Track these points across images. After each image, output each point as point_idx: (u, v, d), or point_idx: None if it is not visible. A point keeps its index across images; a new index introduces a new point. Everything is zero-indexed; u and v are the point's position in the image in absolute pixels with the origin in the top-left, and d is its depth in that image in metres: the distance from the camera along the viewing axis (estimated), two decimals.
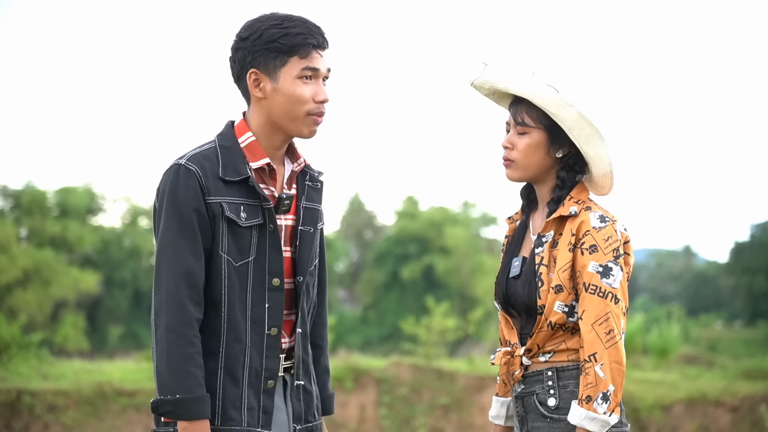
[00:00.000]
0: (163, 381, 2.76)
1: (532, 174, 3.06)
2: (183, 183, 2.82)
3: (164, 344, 2.75)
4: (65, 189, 38.46)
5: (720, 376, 13.51)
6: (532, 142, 3.02)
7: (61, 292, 33.62)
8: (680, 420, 11.56)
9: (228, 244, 2.84)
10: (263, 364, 2.87)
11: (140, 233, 40.15)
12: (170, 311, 2.77)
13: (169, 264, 2.79)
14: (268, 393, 2.88)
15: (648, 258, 72.91)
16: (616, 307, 2.91)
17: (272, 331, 2.88)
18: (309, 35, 2.87)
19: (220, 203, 2.83)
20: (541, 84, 2.98)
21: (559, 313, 2.95)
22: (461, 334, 15.38)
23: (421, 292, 38.20)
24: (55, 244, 36.36)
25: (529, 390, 3.03)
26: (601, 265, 2.92)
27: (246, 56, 2.88)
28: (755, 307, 44.51)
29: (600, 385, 2.86)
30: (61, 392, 10.68)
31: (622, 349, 2.90)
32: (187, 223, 2.81)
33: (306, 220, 2.98)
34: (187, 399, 2.74)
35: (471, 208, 45.39)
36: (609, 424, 2.87)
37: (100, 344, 35.83)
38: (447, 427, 11.89)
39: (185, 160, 2.85)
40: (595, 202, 3.05)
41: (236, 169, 2.87)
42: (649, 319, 19.77)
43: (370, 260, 43.65)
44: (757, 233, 47.03)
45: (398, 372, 12.24)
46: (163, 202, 2.84)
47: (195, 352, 2.77)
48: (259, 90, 2.89)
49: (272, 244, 2.89)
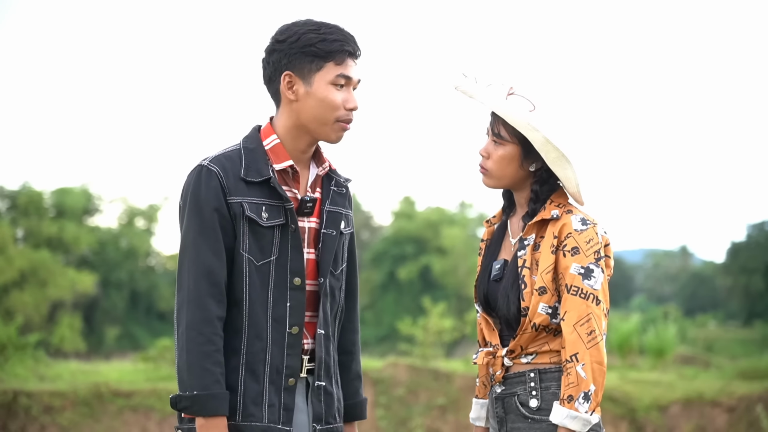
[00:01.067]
0: (182, 377, 2.82)
1: (507, 183, 3.11)
2: (204, 183, 2.88)
3: (184, 341, 2.81)
4: (62, 190, 38.43)
5: (716, 376, 13.53)
6: (506, 154, 3.07)
7: (58, 293, 33.58)
8: (677, 420, 11.57)
9: (249, 244, 2.89)
10: (284, 361, 2.91)
11: (137, 234, 40.12)
12: (191, 309, 2.82)
13: (190, 263, 2.85)
14: (288, 390, 2.92)
15: (645, 258, 72.98)
16: (597, 308, 2.95)
17: (293, 329, 2.93)
18: (345, 42, 2.93)
19: (241, 203, 2.88)
20: (515, 97, 3.03)
21: (543, 314, 2.99)
22: (458, 334, 15.40)
23: (418, 292, 38.20)
24: (52, 245, 36.33)
25: (509, 391, 3.06)
26: (582, 267, 2.96)
27: (282, 58, 2.93)
28: (752, 308, 44.52)
29: (581, 385, 2.90)
30: (58, 393, 10.68)
31: (603, 350, 2.94)
32: (208, 222, 2.86)
33: (329, 223, 3.02)
34: (203, 396, 2.79)
35: (468, 208, 45.42)
36: (590, 423, 2.90)
37: (96, 345, 35.79)
38: (444, 428, 11.89)
39: (208, 162, 2.92)
40: (575, 205, 3.10)
41: (258, 170, 2.92)
42: (645, 320, 19.79)
43: (366, 261, 43.63)
44: (753, 233, 47.05)
45: (395, 372, 12.24)
46: (186, 202, 2.91)
47: (214, 350, 2.82)
48: (291, 92, 2.94)
49: (293, 244, 2.93)
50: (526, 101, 3.03)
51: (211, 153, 2.97)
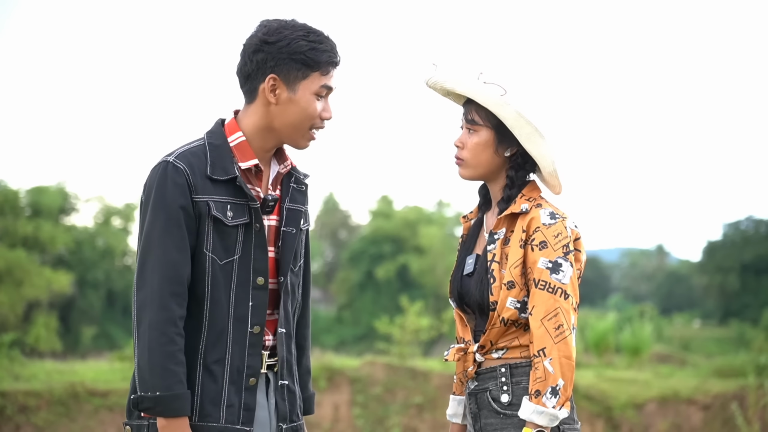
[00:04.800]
0: (143, 377, 2.78)
1: (483, 172, 3.10)
2: (171, 180, 2.84)
3: (146, 341, 2.77)
4: (37, 188, 38.17)
5: (692, 374, 13.59)
6: (480, 140, 3.07)
7: (34, 293, 33.35)
8: (653, 418, 11.62)
9: (213, 243, 2.87)
10: (245, 361, 2.90)
11: (113, 233, 39.94)
12: (153, 308, 2.78)
13: (154, 261, 2.81)
14: (250, 390, 2.91)
15: (621, 257, 73.27)
16: (565, 302, 2.92)
17: (255, 329, 2.91)
18: (332, 54, 2.94)
19: (207, 202, 2.86)
20: (486, 84, 3.03)
21: (511, 309, 2.98)
22: (435, 333, 15.40)
23: (396, 291, 38.21)
24: (28, 245, 36.08)
25: (482, 387, 3.06)
26: (550, 261, 2.94)
27: (268, 60, 2.90)
28: (727, 306, 44.80)
29: (549, 380, 2.88)
30: (33, 393, 10.60)
31: (571, 344, 2.91)
32: (174, 220, 2.83)
33: (289, 221, 3.01)
34: (166, 396, 2.76)
35: (445, 207, 45.46)
36: (558, 418, 2.89)
37: (73, 345, 35.59)
38: (421, 426, 11.90)
39: (173, 158, 2.88)
40: (546, 199, 3.09)
41: (224, 168, 2.89)
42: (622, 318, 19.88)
43: (344, 260, 43.62)
44: (729, 233, 47.34)
45: (372, 371, 12.24)
46: (149, 198, 2.87)
47: (177, 350, 2.79)
48: (273, 96, 2.92)
49: (257, 243, 2.91)
50: (497, 87, 3.03)
51: (175, 148, 2.93)
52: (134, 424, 2.87)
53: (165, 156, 2.90)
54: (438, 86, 3.14)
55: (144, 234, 2.85)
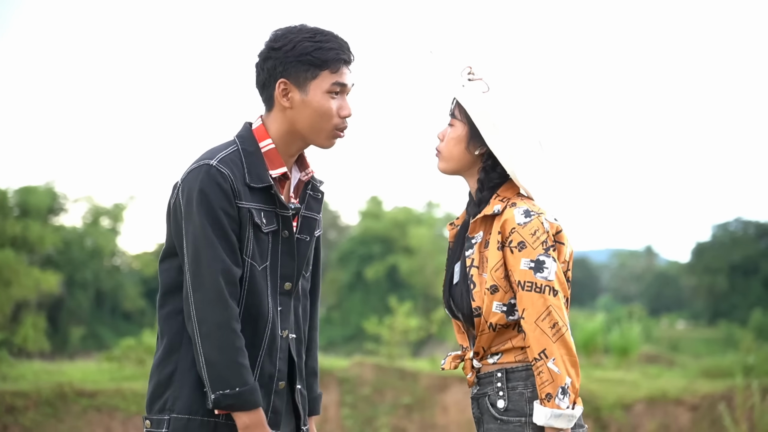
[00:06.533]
0: (220, 376, 2.81)
1: (456, 167, 3.07)
2: (215, 184, 2.86)
3: (215, 339, 2.81)
4: (26, 188, 38.05)
5: (680, 375, 13.63)
6: (455, 135, 3.05)
7: (22, 293, 33.22)
8: (641, 419, 11.64)
9: (253, 249, 2.91)
10: (276, 365, 2.95)
11: (102, 233, 39.82)
12: (217, 307, 2.82)
13: (209, 262, 2.84)
14: (279, 394, 2.97)
15: (610, 258, 73.39)
16: (555, 299, 2.87)
17: (284, 333, 2.97)
18: (341, 51, 2.95)
19: (249, 209, 2.90)
20: (469, 80, 3.01)
21: (498, 313, 2.93)
22: (424, 333, 15.41)
23: (385, 292, 38.18)
24: (16, 245, 35.95)
25: (482, 392, 3.03)
26: (532, 260, 2.88)
27: (276, 66, 2.93)
28: (716, 307, 44.94)
29: (557, 381, 2.83)
30: (21, 393, 10.57)
31: (570, 340, 2.86)
32: (222, 223, 2.86)
33: (303, 229, 3.05)
34: (246, 390, 2.82)
35: (435, 208, 45.44)
36: (575, 417, 2.85)
37: (61, 345, 35.49)
38: (409, 427, 11.90)
39: (216, 162, 2.89)
40: (523, 197, 3.02)
41: (259, 176, 2.93)
42: (610, 319, 19.92)
43: (333, 260, 43.57)
44: (718, 234, 47.48)
45: (361, 372, 12.24)
46: (192, 200, 2.87)
47: (243, 344, 2.85)
48: (286, 100, 2.95)
49: (285, 249, 2.97)
50: (483, 83, 3.01)
51: (210, 150, 2.95)
52: (154, 418, 2.91)
53: (204, 159, 2.91)
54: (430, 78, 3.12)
55: (192, 236, 2.86)
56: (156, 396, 2.93)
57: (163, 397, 2.92)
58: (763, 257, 43.94)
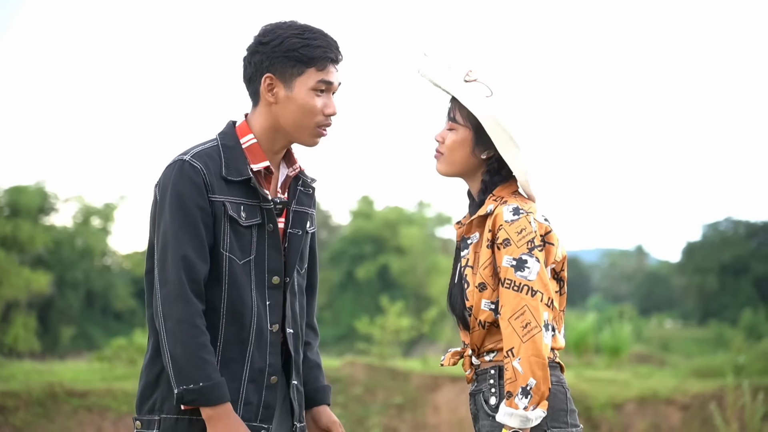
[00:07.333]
0: (182, 371, 2.81)
1: (458, 170, 3.07)
2: (187, 179, 2.87)
3: (178, 335, 2.81)
4: (16, 188, 37.95)
5: (671, 374, 13.67)
6: (458, 139, 3.04)
7: (12, 293, 33.15)
8: (632, 418, 11.66)
9: (231, 243, 2.91)
10: (267, 360, 2.95)
11: (93, 233, 39.74)
12: (179, 303, 2.82)
13: (174, 257, 2.84)
14: (270, 389, 2.96)
15: (601, 258, 73.55)
16: (533, 299, 2.85)
17: (274, 327, 2.97)
18: (328, 49, 2.96)
19: (223, 202, 2.90)
20: (472, 83, 3.01)
21: (486, 311, 2.94)
22: (415, 333, 15.42)
23: (376, 292, 38.19)
24: (6, 244, 35.86)
25: (478, 388, 3.04)
26: (514, 259, 2.88)
27: (263, 60, 2.94)
28: (706, 307, 45.05)
29: (519, 380, 2.81)
30: (11, 393, 10.55)
31: (540, 342, 2.82)
32: (190, 218, 2.86)
33: (295, 223, 3.06)
34: (208, 386, 2.81)
35: (426, 207, 45.43)
36: (529, 419, 2.82)
37: (51, 345, 35.42)
38: (401, 427, 11.90)
39: (190, 157, 2.91)
40: (515, 195, 3.02)
41: (238, 169, 2.93)
42: (601, 319, 19.96)
43: (325, 260, 43.53)
44: (708, 233, 47.62)
45: (352, 372, 12.24)
46: (165, 196, 2.89)
47: (207, 340, 2.84)
48: (271, 95, 2.96)
49: (271, 243, 2.97)
50: (484, 87, 3.00)
51: (189, 147, 2.96)
52: (144, 419, 2.92)
53: (180, 155, 2.93)
54: (426, 78, 3.11)
55: (162, 232, 2.88)
56: (145, 397, 2.94)
57: (152, 398, 2.93)
58: (753, 257, 44.08)
